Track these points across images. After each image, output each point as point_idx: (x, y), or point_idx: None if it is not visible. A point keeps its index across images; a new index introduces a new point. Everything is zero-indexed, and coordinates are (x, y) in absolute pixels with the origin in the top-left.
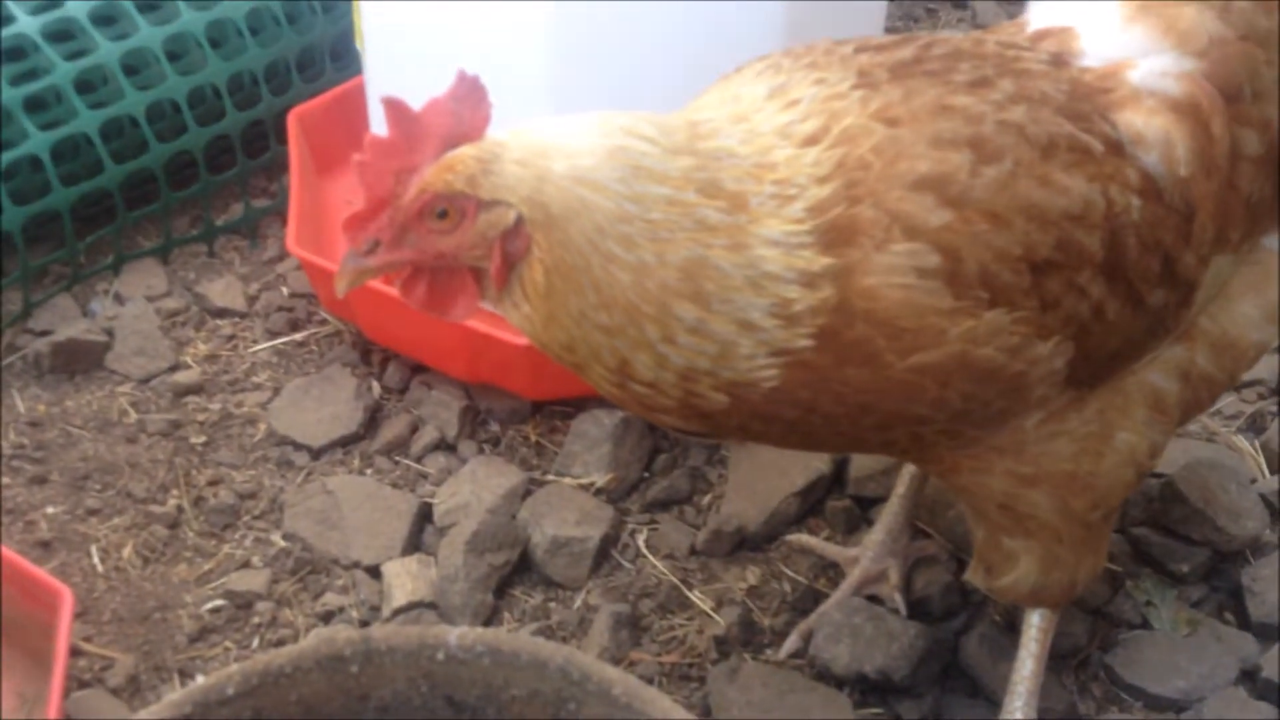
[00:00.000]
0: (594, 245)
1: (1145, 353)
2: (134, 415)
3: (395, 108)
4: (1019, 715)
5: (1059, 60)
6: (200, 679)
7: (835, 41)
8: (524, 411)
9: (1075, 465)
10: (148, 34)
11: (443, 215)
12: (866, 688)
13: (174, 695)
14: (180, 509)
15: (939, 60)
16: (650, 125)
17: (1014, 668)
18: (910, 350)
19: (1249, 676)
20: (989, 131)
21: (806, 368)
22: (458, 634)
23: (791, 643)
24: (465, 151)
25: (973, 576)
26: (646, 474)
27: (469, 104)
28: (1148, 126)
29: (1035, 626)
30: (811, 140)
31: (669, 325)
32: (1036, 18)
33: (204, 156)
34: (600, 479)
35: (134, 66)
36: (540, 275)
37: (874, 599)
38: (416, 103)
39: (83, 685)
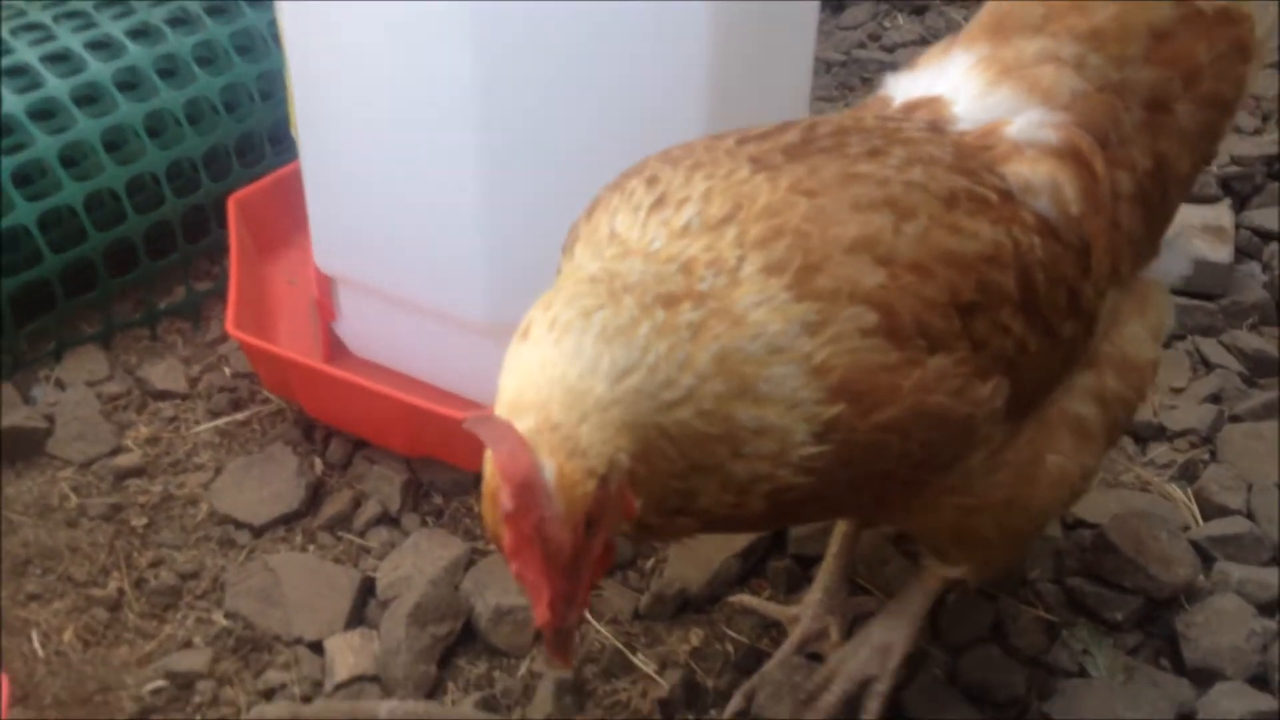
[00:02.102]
0: (657, 409)
1: (1062, 382)
2: (75, 500)
3: (508, 458)
4: (902, 640)
5: (936, 127)
6: None
7: (712, 137)
8: (467, 483)
9: (1014, 492)
10: (86, 126)
11: (589, 530)
12: None
13: None
14: (121, 591)
15: (828, 139)
16: (574, 295)
17: (906, 596)
18: (870, 409)
19: None
20: (898, 192)
21: (837, 424)
22: (387, 707)
23: (735, 703)
24: (557, 461)
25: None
26: None
27: (510, 439)
28: (1034, 174)
29: (942, 573)
30: (726, 220)
31: (736, 435)
32: (897, 92)
33: (144, 242)
34: None
35: (72, 158)
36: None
37: (815, 657)
38: (348, 183)
39: None
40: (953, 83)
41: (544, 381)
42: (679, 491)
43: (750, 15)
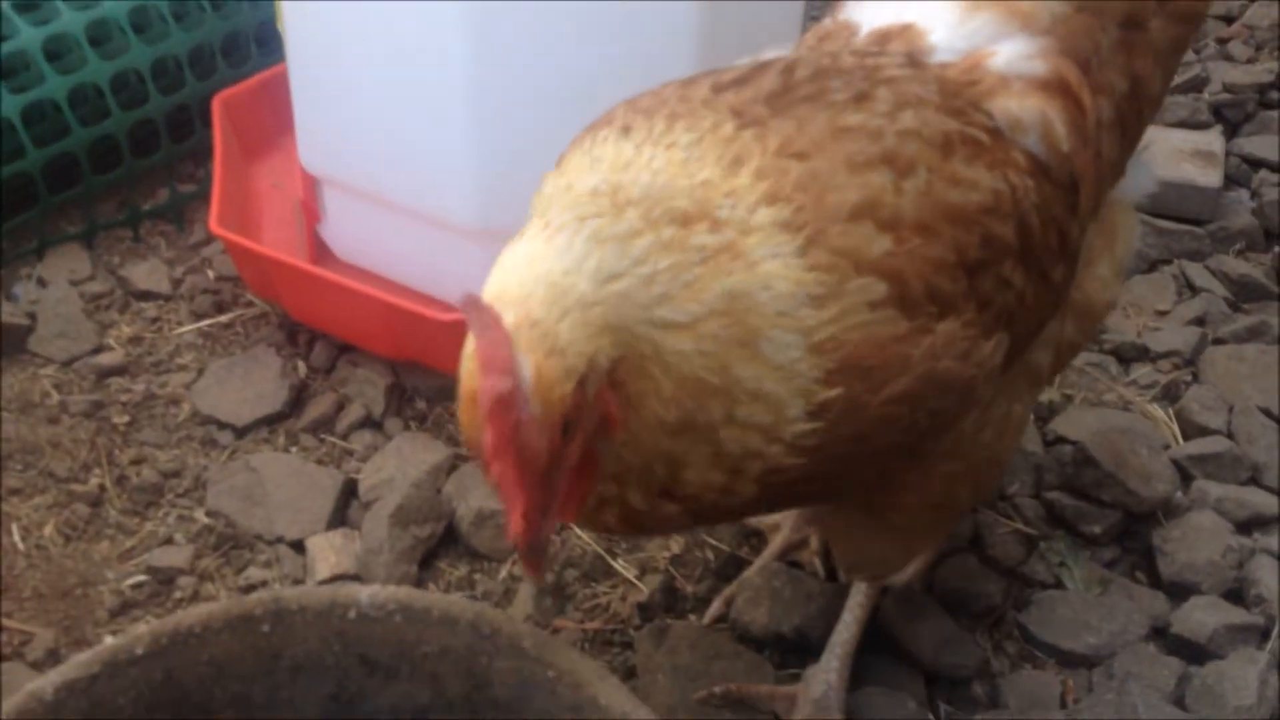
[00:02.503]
0: (647, 325)
1: (1046, 328)
2: (56, 397)
3: (488, 339)
4: (834, 674)
5: (914, 60)
6: (109, 639)
7: (681, 84)
8: (450, 388)
9: (991, 450)
10: (70, 19)
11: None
12: (786, 648)
13: (82, 655)
14: (103, 488)
15: (808, 84)
16: (571, 204)
17: (837, 629)
18: (881, 384)
19: (1159, 633)
20: (893, 144)
21: (835, 420)
22: (369, 592)
23: (715, 608)
24: (535, 359)
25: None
26: None
27: (491, 324)
28: (1022, 109)
29: (863, 594)
30: (736, 163)
31: (733, 395)
32: (862, 18)
33: (128, 141)
34: None
35: (56, 52)
36: (625, 392)
37: (794, 565)
38: (336, 83)
39: (3, 659)
40: (925, 9)
41: (529, 277)
42: (667, 458)
43: None
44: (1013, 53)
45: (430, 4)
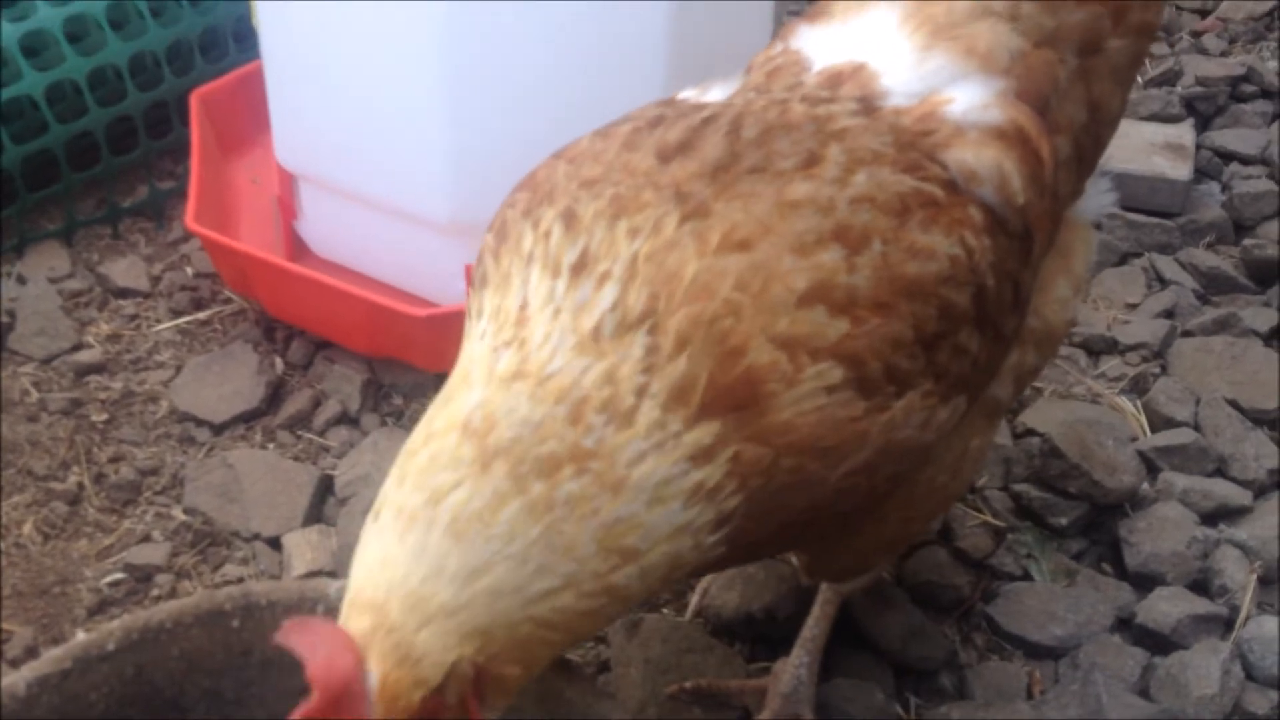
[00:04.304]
0: (527, 601)
1: (997, 374)
2: (35, 394)
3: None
4: (804, 668)
5: (868, 105)
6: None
7: (625, 144)
8: (426, 384)
9: (947, 488)
10: (48, 15)
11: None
12: (756, 633)
13: (55, 651)
14: (81, 486)
15: (755, 149)
16: (430, 477)
17: (806, 623)
18: (839, 461)
19: (1125, 624)
20: (846, 216)
21: (750, 517)
22: (337, 586)
23: (695, 602)
24: (383, 669)
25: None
26: None
27: (329, 644)
28: (978, 161)
29: (833, 589)
30: (642, 319)
31: (621, 592)
32: (813, 51)
33: (106, 138)
34: None
35: (33, 48)
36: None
37: None
38: (310, 80)
39: None
40: (878, 47)
41: (384, 581)
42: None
43: None
44: (969, 100)
45: (404, 1)
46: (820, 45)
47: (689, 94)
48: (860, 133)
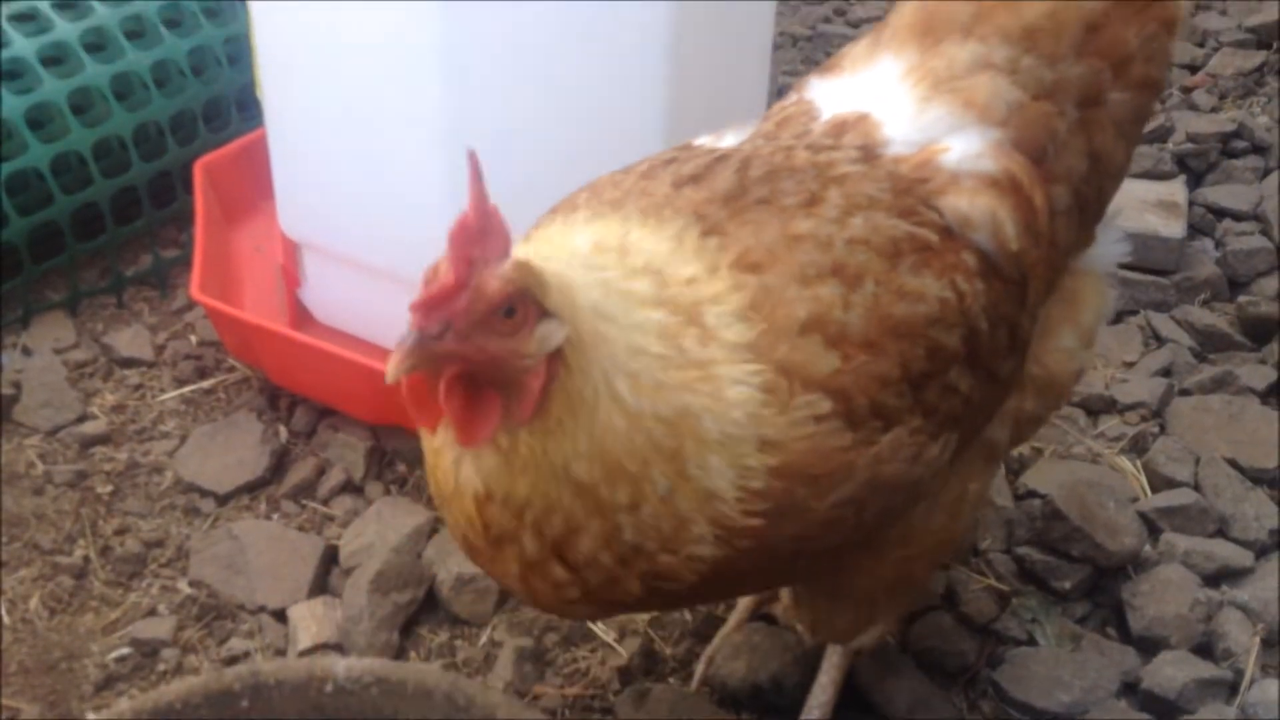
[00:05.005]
0: (607, 381)
1: (996, 415)
2: (41, 467)
3: (480, 193)
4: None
5: (868, 153)
6: (92, 715)
7: (640, 175)
8: None
9: (946, 531)
10: (53, 87)
11: (509, 314)
12: (763, 703)
13: None
14: (87, 559)
15: (761, 185)
16: (591, 247)
17: (813, 690)
18: (827, 490)
19: (1130, 689)
20: (842, 254)
21: (750, 536)
22: (345, 665)
23: (700, 671)
24: (533, 259)
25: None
26: None
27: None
28: (973, 208)
29: (839, 654)
30: (713, 270)
31: (642, 490)
32: (823, 101)
33: (111, 208)
34: None
35: (38, 120)
36: (556, 408)
37: (768, 619)
38: (314, 149)
39: None
40: (882, 98)
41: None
42: (566, 514)
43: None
44: (965, 150)
45: (407, 71)
46: (829, 96)
47: (704, 140)
48: (859, 179)
